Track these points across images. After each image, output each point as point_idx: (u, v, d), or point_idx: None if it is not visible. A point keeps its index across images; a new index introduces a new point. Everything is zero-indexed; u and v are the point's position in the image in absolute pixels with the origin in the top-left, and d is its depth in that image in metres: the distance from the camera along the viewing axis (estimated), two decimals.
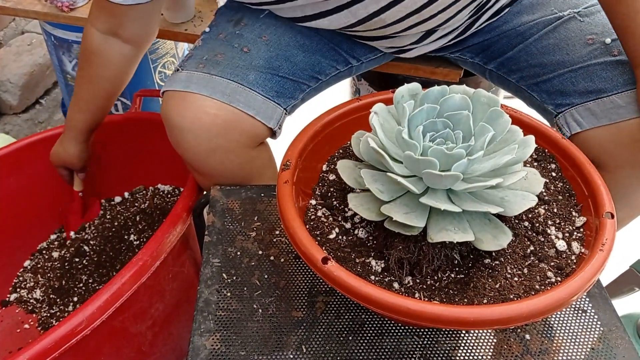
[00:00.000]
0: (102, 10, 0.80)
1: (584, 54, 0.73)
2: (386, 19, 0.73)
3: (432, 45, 0.84)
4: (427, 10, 0.72)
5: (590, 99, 0.71)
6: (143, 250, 0.73)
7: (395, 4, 0.71)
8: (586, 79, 0.72)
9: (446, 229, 0.48)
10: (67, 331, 0.64)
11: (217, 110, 0.72)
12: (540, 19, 0.78)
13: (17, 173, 1.02)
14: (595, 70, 0.71)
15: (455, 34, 0.82)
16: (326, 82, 0.85)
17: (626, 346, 0.57)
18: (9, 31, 1.78)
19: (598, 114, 0.70)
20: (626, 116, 0.68)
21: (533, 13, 0.79)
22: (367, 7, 0.72)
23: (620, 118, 0.68)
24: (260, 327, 0.59)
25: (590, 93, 0.71)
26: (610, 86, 0.70)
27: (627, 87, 0.69)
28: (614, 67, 0.70)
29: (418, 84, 0.53)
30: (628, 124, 0.68)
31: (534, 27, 0.78)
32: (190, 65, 0.76)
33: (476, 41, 0.84)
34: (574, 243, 0.53)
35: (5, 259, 1.03)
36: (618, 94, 0.69)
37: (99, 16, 0.81)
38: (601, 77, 0.71)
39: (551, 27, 0.77)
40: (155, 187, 1.14)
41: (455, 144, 0.49)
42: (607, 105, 0.70)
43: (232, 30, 0.79)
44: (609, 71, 0.70)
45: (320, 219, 0.56)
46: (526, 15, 0.79)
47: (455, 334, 0.58)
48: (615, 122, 0.69)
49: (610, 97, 0.69)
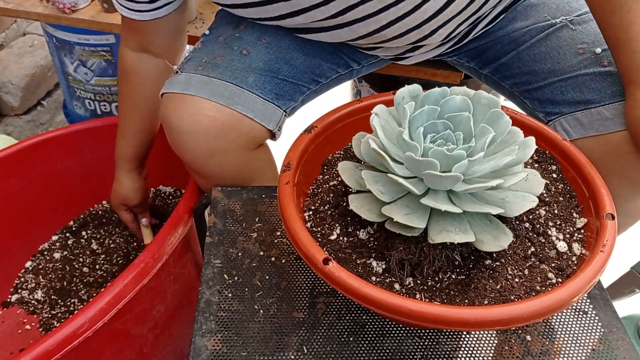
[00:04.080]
0: (130, 29, 0.81)
1: (574, 64, 0.73)
2: (387, 34, 0.74)
3: (430, 54, 0.85)
4: (428, 25, 0.72)
5: (579, 109, 0.71)
6: (145, 252, 0.74)
7: (396, 22, 0.71)
8: (575, 89, 0.72)
9: (447, 230, 0.48)
10: (69, 333, 0.65)
11: (216, 113, 0.71)
12: (533, 26, 0.78)
13: (19, 174, 1.02)
14: (585, 80, 0.71)
15: (453, 42, 0.82)
16: (326, 84, 0.85)
17: (627, 347, 0.57)
18: (11, 33, 1.79)
19: (586, 124, 0.70)
20: (612, 128, 0.67)
21: (526, 19, 0.79)
22: (368, 27, 0.72)
23: (606, 130, 0.68)
24: (261, 327, 0.59)
25: (579, 103, 0.71)
26: (599, 97, 0.69)
27: (615, 98, 0.68)
28: (603, 78, 0.70)
29: (419, 86, 0.53)
30: (614, 137, 0.67)
31: (527, 34, 0.78)
32: (189, 68, 0.76)
33: (472, 46, 0.84)
34: (575, 244, 0.53)
35: (6, 259, 1.03)
36: (606, 105, 0.68)
37: (128, 35, 0.83)
38: (590, 88, 0.70)
39: (543, 35, 0.76)
40: (156, 189, 1.14)
41: (455, 145, 0.49)
42: (594, 117, 0.69)
43: (231, 32, 0.79)
44: (597, 82, 0.70)
45: (321, 220, 0.56)
46: (520, 22, 0.79)
47: (456, 335, 0.58)
48: (602, 133, 0.68)
49: (597, 108, 0.69)
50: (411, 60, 0.86)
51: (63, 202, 1.09)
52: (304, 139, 0.60)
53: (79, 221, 1.12)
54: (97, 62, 1.33)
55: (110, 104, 1.41)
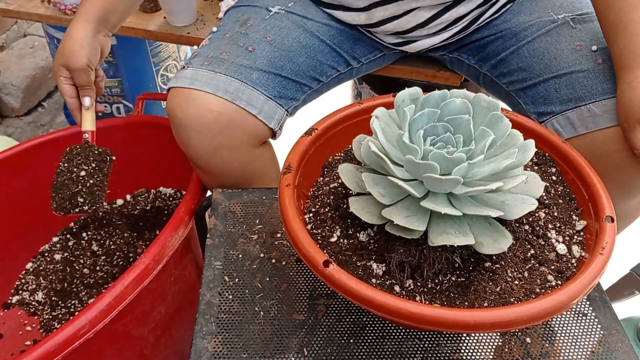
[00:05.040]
0: None
1: (570, 60, 0.73)
2: None
3: (437, 39, 0.84)
4: None
5: (570, 107, 0.71)
6: (145, 253, 0.74)
7: None
8: (568, 86, 0.72)
9: (447, 233, 0.48)
10: (70, 334, 0.65)
11: (221, 108, 0.72)
12: (535, 21, 0.78)
13: (19, 175, 1.02)
14: (578, 77, 0.71)
15: (461, 27, 0.82)
16: (327, 84, 0.85)
17: (626, 350, 0.57)
18: (11, 34, 1.79)
19: (576, 123, 0.70)
20: (602, 125, 0.67)
21: (530, 14, 0.80)
22: None
23: (596, 127, 0.68)
24: (261, 329, 0.59)
25: (570, 101, 0.71)
26: (589, 94, 0.70)
27: (605, 95, 0.68)
28: (595, 76, 0.70)
29: (419, 88, 0.53)
30: (602, 134, 0.68)
31: (529, 29, 0.78)
32: (195, 63, 0.77)
33: (474, 38, 0.84)
34: (574, 246, 0.54)
35: (7, 261, 1.03)
36: (595, 102, 0.69)
37: None
38: (582, 85, 0.71)
39: (544, 31, 0.77)
40: (157, 190, 1.14)
41: (455, 148, 0.49)
42: (584, 114, 0.69)
43: (238, 30, 0.80)
44: (590, 79, 0.70)
45: (321, 222, 0.56)
46: (524, 16, 0.80)
47: (456, 337, 0.59)
48: (592, 130, 0.68)
49: (587, 105, 0.69)
50: (416, 46, 0.85)
51: None
52: (304, 141, 0.60)
53: (79, 222, 1.12)
54: None
55: (111, 105, 1.42)
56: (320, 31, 0.82)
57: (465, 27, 0.82)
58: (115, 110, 1.43)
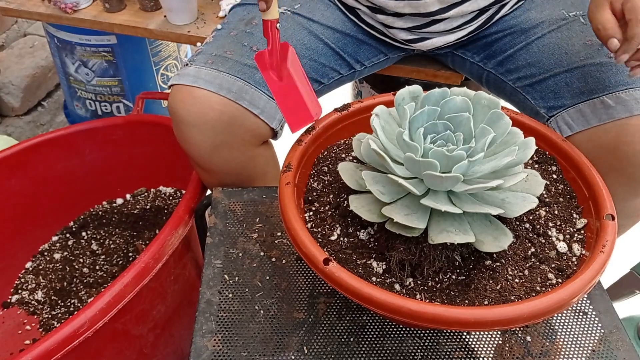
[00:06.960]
0: None
1: (581, 55, 0.73)
2: None
3: (452, 37, 0.83)
4: None
5: (582, 100, 0.71)
6: (145, 252, 0.74)
7: None
8: (580, 79, 0.72)
9: (447, 231, 0.48)
10: (69, 333, 0.65)
11: (223, 107, 0.72)
12: (546, 18, 0.78)
13: (19, 175, 1.02)
14: (590, 71, 0.72)
15: (476, 25, 0.81)
16: (328, 85, 0.85)
17: (627, 348, 0.57)
18: (12, 33, 1.79)
19: (588, 115, 0.70)
20: (615, 116, 0.67)
21: (542, 11, 0.79)
22: None
23: (609, 118, 0.68)
24: (261, 328, 0.59)
25: (582, 94, 0.71)
26: (603, 87, 0.70)
27: (618, 87, 0.68)
28: (608, 69, 0.70)
29: (419, 87, 0.53)
30: (615, 125, 0.68)
31: (539, 26, 0.78)
32: (199, 61, 0.76)
33: (481, 35, 0.84)
34: (575, 245, 0.53)
35: (6, 260, 1.03)
36: (609, 94, 0.69)
37: None
38: (595, 78, 0.71)
39: (555, 27, 0.77)
40: (157, 189, 1.14)
41: (455, 145, 0.49)
42: (597, 106, 0.69)
43: (243, 28, 0.80)
44: (603, 72, 0.70)
45: (321, 221, 0.56)
46: (534, 12, 0.80)
47: (457, 336, 0.58)
48: (604, 122, 0.68)
49: (601, 97, 0.69)
50: (430, 43, 0.84)
51: (63, 203, 1.09)
52: (304, 139, 0.60)
53: (79, 222, 1.12)
54: (98, 63, 1.33)
55: (111, 105, 1.42)
56: (324, 34, 0.82)
57: (481, 25, 0.82)
58: (115, 110, 1.43)
